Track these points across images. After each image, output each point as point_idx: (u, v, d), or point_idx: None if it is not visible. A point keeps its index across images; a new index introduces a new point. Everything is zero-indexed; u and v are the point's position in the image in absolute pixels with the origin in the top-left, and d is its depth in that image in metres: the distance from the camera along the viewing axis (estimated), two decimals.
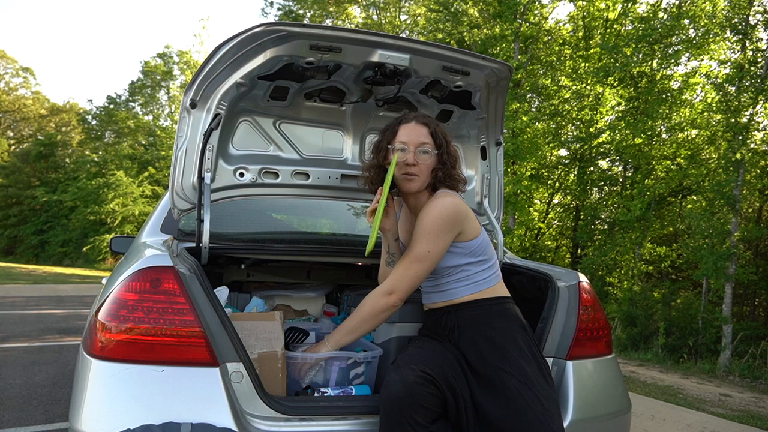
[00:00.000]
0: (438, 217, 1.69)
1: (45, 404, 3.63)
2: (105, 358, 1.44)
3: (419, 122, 1.80)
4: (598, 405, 1.82)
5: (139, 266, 1.53)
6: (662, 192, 9.66)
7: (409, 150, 1.76)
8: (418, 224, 1.72)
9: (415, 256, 1.69)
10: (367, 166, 1.91)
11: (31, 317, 7.68)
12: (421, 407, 1.48)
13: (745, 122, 7.40)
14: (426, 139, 1.78)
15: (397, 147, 1.77)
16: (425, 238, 1.69)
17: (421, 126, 1.79)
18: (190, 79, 1.98)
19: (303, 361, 1.83)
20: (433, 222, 1.69)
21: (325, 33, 1.79)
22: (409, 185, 1.79)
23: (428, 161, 1.77)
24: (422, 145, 1.76)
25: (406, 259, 1.71)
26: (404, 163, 1.76)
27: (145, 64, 27.66)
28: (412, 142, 1.76)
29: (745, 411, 4.71)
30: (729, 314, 7.32)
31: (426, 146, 1.77)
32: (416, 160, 1.75)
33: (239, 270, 2.56)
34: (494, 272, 1.82)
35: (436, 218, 1.69)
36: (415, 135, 1.77)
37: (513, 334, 1.70)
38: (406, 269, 1.70)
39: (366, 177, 1.91)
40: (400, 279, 1.70)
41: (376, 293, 1.73)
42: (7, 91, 32.41)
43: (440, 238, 1.69)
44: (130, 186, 23.50)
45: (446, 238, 1.70)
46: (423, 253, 1.68)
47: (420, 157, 1.76)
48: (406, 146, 1.76)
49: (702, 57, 9.38)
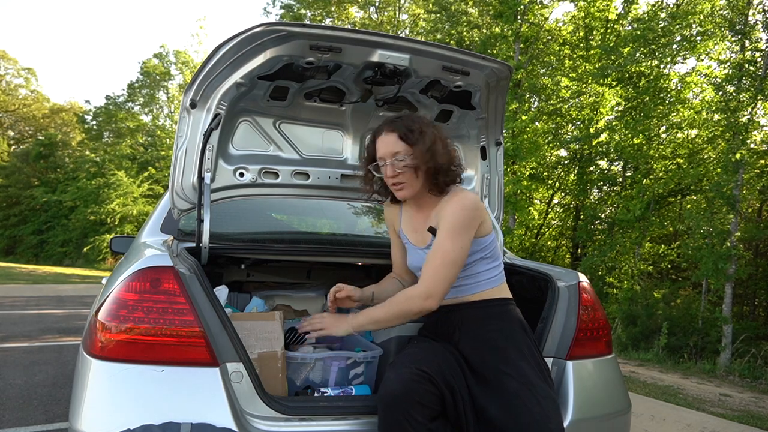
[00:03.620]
0: (462, 212, 1.69)
1: (45, 404, 3.63)
2: (105, 358, 1.44)
3: (387, 131, 1.77)
4: (598, 405, 1.82)
5: (139, 266, 1.53)
6: (661, 192, 9.67)
7: (386, 163, 1.75)
8: (443, 222, 1.70)
9: (448, 258, 1.66)
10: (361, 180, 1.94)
11: (31, 317, 7.68)
12: (419, 405, 1.48)
13: (744, 122, 7.41)
14: (397, 147, 1.74)
15: (378, 164, 1.78)
16: (454, 235, 1.67)
17: (389, 134, 1.76)
18: (189, 79, 1.98)
19: (303, 361, 1.83)
20: (461, 218, 1.68)
21: (325, 33, 1.79)
22: (401, 193, 1.79)
23: (406, 167, 1.74)
24: (395, 154, 1.74)
25: (437, 260, 1.67)
26: (387, 177, 1.77)
27: (144, 65, 27.65)
28: (387, 155, 1.75)
29: (745, 411, 4.71)
30: (729, 314, 7.33)
31: (399, 154, 1.74)
32: (395, 171, 1.74)
33: (239, 270, 2.56)
34: (500, 272, 1.83)
35: (462, 214, 1.68)
36: (386, 146, 1.75)
37: (514, 335, 1.70)
38: (442, 271, 1.66)
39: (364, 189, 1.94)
40: (437, 283, 1.66)
41: (412, 296, 1.67)
42: (8, 91, 32.41)
43: (468, 233, 1.69)
44: (130, 186, 23.49)
45: (471, 233, 1.70)
46: (457, 252, 1.67)
47: (397, 166, 1.74)
48: (383, 161, 1.76)
49: (701, 57, 9.38)
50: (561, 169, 13.12)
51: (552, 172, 13.06)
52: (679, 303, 8.99)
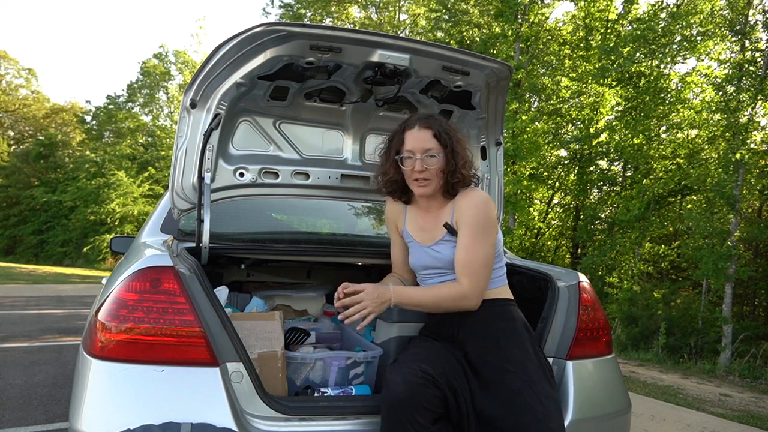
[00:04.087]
0: (488, 211, 1.74)
1: (45, 404, 3.63)
2: (105, 358, 1.44)
3: (422, 126, 1.79)
4: (598, 405, 1.82)
5: (139, 266, 1.53)
6: (661, 192, 9.67)
7: (416, 158, 1.77)
8: (473, 224, 1.73)
9: (489, 258, 1.73)
10: (378, 171, 1.93)
11: (31, 317, 7.68)
12: (423, 408, 1.48)
13: (744, 122, 7.40)
14: (430, 144, 1.77)
15: (405, 155, 1.79)
16: (486, 235, 1.73)
17: (424, 130, 1.78)
18: (188, 79, 1.98)
19: (303, 361, 1.83)
20: (488, 217, 1.74)
21: (325, 33, 1.79)
22: (423, 190, 1.80)
23: (436, 165, 1.77)
24: (428, 150, 1.77)
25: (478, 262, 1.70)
26: (413, 170, 1.77)
27: (144, 65, 27.64)
28: (417, 149, 1.77)
29: (745, 411, 4.71)
30: (729, 314, 7.33)
31: (431, 151, 1.77)
32: (424, 166, 1.76)
33: (239, 270, 2.56)
34: (503, 273, 1.85)
35: (488, 213, 1.74)
36: (419, 141, 1.77)
37: (517, 335, 1.70)
38: (484, 272, 1.71)
39: (378, 181, 1.94)
40: (480, 284, 1.71)
41: (459, 293, 1.69)
42: (8, 91, 32.41)
43: (495, 230, 1.76)
44: (130, 186, 23.48)
45: (497, 229, 1.78)
46: (491, 251, 1.74)
47: (427, 162, 1.76)
48: (412, 154, 1.77)
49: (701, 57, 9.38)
50: (561, 169, 13.12)
51: (552, 172, 13.06)
52: (679, 303, 8.99)
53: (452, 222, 1.80)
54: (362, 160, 2.33)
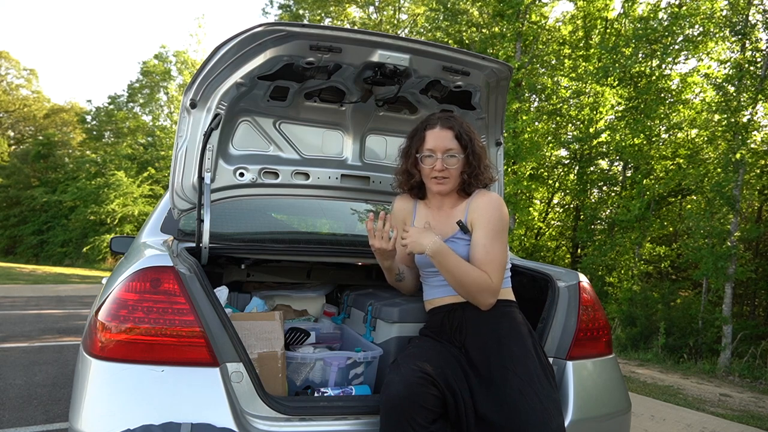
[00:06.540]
0: (503, 213, 1.78)
1: (45, 404, 3.63)
2: (105, 358, 1.44)
3: (444, 126, 1.83)
4: (598, 405, 1.82)
5: (139, 266, 1.53)
6: (661, 192, 9.67)
7: (437, 157, 1.81)
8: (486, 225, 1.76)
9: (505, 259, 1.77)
10: (398, 170, 1.97)
11: (31, 317, 7.68)
12: (421, 408, 1.49)
13: (744, 122, 7.40)
14: (452, 144, 1.81)
15: (425, 154, 1.82)
16: (503, 236, 1.77)
17: (446, 130, 1.82)
18: (189, 79, 1.98)
19: (303, 361, 1.83)
20: (503, 220, 1.78)
21: (325, 33, 1.79)
22: (440, 187, 1.84)
23: (456, 165, 1.82)
24: (449, 150, 1.81)
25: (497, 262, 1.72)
26: (433, 169, 1.81)
27: (144, 65, 27.63)
28: (438, 149, 1.81)
29: (745, 411, 4.71)
30: (729, 314, 7.32)
31: (452, 151, 1.81)
32: (444, 165, 1.80)
33: (239, 270, 2.56)
34: (508, 275, 1.86)
35: (503, 215, 1.78)
36: (441, 141, 1.81)
37: (519, 335, 1.71)
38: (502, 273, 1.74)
39: (398, 180, 1.98)
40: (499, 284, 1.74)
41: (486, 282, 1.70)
42: (9, 91, 32.40)
43: (507, 233, 1.80)
44: (130, 186, 23.47)
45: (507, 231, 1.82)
46: (506, 252, 1.78)
47: (448, 162, 1.81)
48: (433, 153, 1.81)
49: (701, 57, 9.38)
50: (561, 169, 13.11)
51: (552, 172, 13.05)
52: (678, 303, 8.99)
53: (465, 221, 1.81)
54: (362, 160, 2.33)
